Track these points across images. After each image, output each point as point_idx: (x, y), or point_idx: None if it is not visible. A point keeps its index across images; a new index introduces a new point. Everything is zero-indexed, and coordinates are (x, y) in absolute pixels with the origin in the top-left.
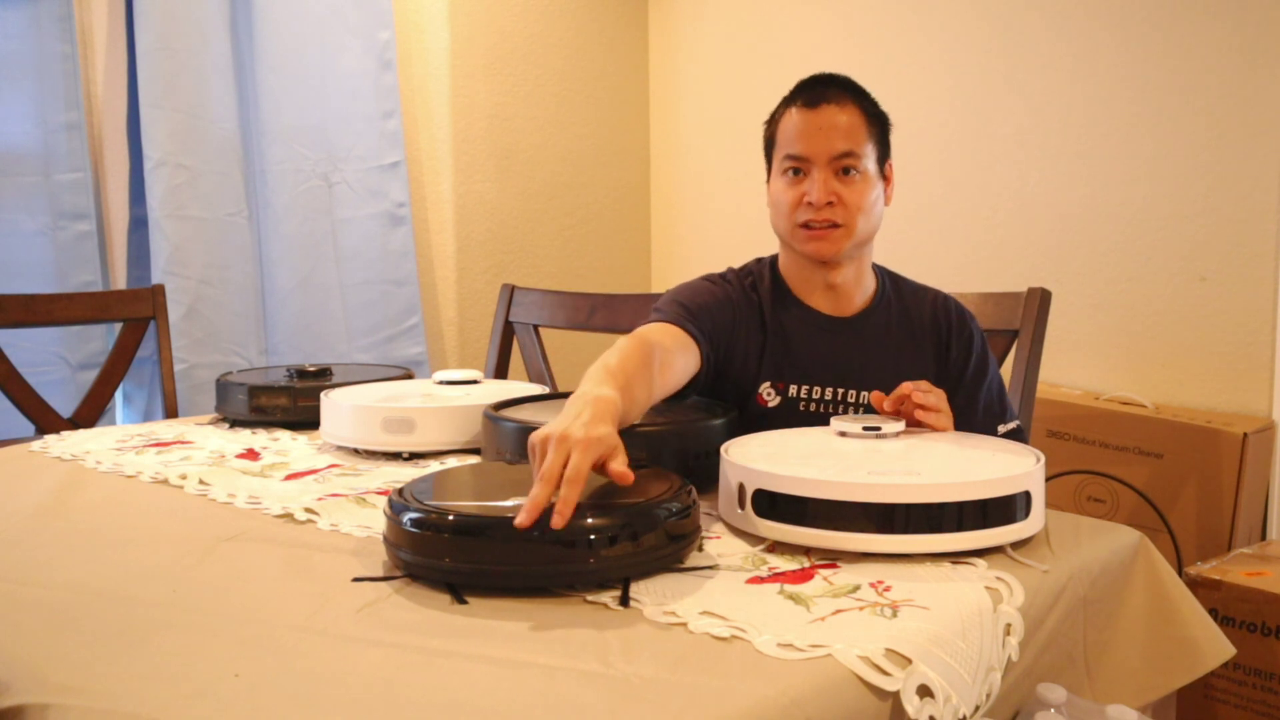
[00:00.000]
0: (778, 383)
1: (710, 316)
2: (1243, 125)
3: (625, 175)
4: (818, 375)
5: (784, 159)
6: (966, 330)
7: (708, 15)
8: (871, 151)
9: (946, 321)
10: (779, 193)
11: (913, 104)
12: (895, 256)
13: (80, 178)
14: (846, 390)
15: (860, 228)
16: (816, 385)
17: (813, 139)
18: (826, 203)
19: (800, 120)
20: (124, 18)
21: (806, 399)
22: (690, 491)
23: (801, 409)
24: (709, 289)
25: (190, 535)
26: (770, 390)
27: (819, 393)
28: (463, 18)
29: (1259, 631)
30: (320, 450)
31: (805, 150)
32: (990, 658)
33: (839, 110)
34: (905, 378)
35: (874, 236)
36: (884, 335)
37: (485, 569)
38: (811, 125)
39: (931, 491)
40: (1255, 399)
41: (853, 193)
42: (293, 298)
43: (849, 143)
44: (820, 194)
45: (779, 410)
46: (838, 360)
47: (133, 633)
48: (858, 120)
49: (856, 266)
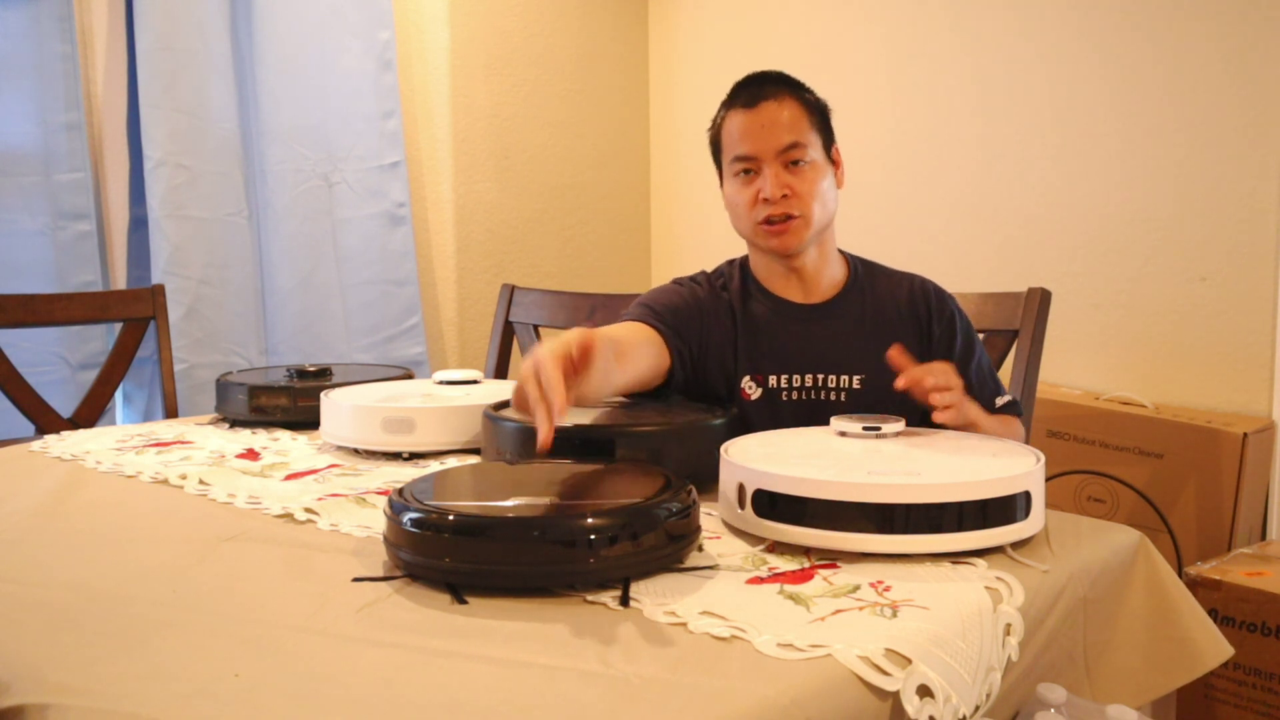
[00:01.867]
0: (756, 375)
1: (677, 315)
2: (1243, 126)
3: (625, 175)
4: (795, 364)
5: (733, 161)
6: (947, 310)
7: (708, 15)
8: (816, 140)
9: (925, 303)
10: (734, 194)
11: (913, 104)
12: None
13: (80, 178)
14: (826, 376)
15: (817, 215)
16: (795, 374)
17: (758, 137)
18: (781, 196)
19: (743, 121)
20: (124, 18)
21: (788, 388)
22: (690, 491)
23: (784, 399)
24: (676, 290)
25: (190, 535)
26: (751, 384)
27: (799, 380)
28: (463, 18)
29: (1259, 631)
30: (320, 450)
31: (752, 149)
32: (990, 658)
33: (778, 105)
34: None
35: (833, 221)
36: (858, 319)
37: (485, 569)
38: (754, 124)
39: (931, 491)
40: (1255, 399)
41: (804, 183)
42: (293, 298)
43: (793, 135)
44: (773, 189)
45: (763, 402)
46: (812, 347)
47: (133, 633)
48: (798, 112)
49: (820, 252)
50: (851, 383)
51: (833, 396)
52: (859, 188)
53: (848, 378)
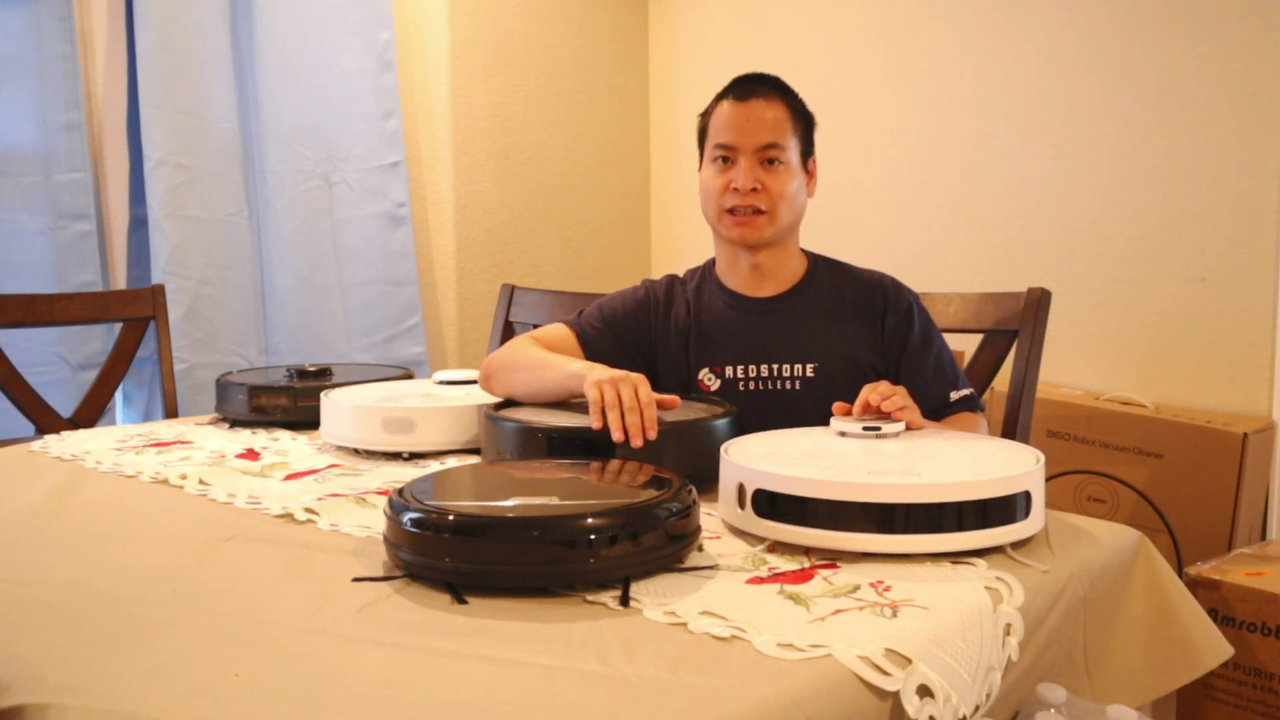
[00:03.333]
0: (714, 366)
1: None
2: (1243, 125)
3: (625, 175)
4: (750, 354)
5: (714, 148)
6: (904, 302)
7: (708, 15)
8: (795, 146)
9: (881, 295)
10: (708, 179)
11: (913, 104)
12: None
13: (80, 178)
14: (781, 365)
15: (782, 214)
16: (751, 364)
17: (741, 130)
18: (751, 189)
19: (730, 112)
20: (124, 18)
21: (744, 378)
22: (690, 491)
23: (741, 389)
24: (630, 294)
25: (190, 535)
26: (709, 375)
27: (754, 370)
28: (463, 18)
29: (1259, 631)
30: (320, 450)
31: (734, 140)
32: (990, 658)
33: (766, 105)
34: (835, 351)
35: (797, 224)
36: (808, 312)
37: (485, 569)
38: (740, 117)
39: (931, 491)
40: (1255, 399)
41: (776, 181)
42: (293, 298)
43: (774, 135)
44: (745, 180)
45: (721, 392)
46: (767, 338)
47: (133, 633)
48: (783, 115)
49: (780, 251)
50: (805, 371)
51: (788, 385)
52: (859, 188)
53: (801, 366)
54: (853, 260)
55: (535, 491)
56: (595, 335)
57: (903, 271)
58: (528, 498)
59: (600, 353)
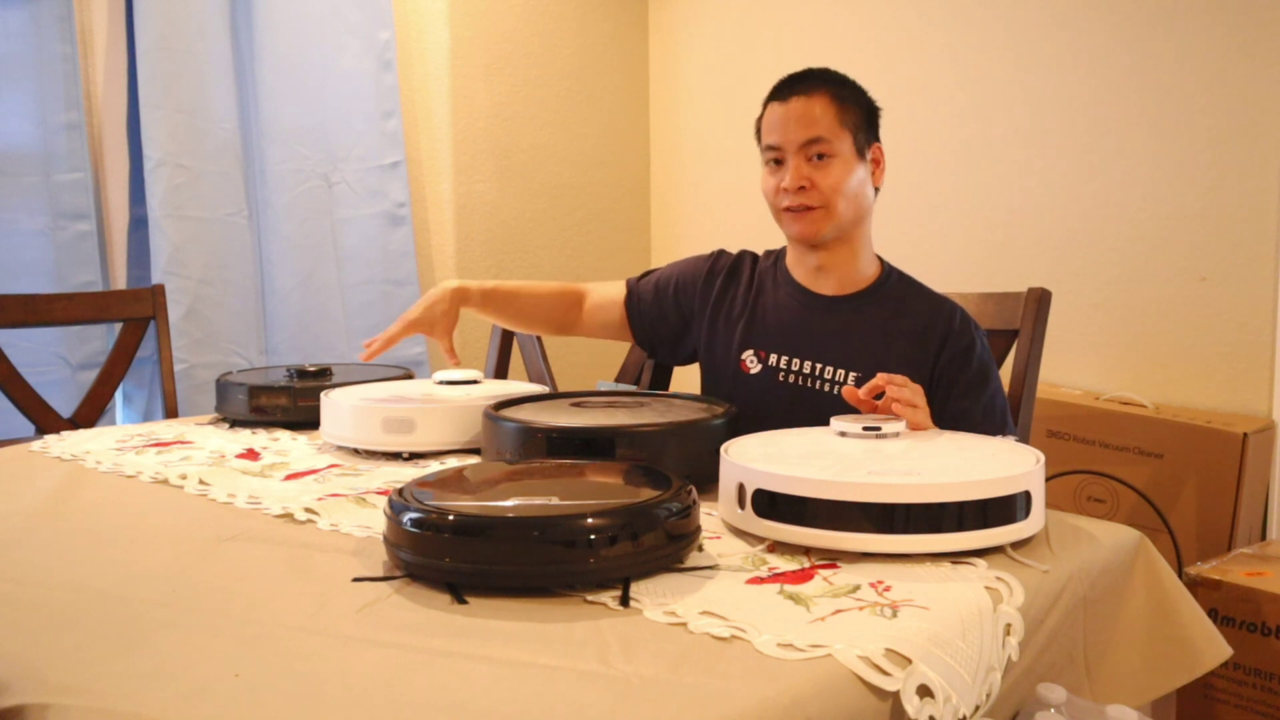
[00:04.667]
0: (759, 350)
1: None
2: (1243, 125)
3: (625, 175)
4: (796, 347)
5: (765, 150)
6: (967, 337)
7: (708, 15)
8: (845, 136)
9: (947, 325)
10: (764, 182)
11: (913, 104)
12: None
13: (80, 178)
14: (825, 366)
15: (840, 208)
16: (795, 357)
17: (783, 129)
18: (799, 187)
19: (774, 113)
20: (124, 18)
21: (786, 369)
22: (690, 491)
23: (781, 379)
24: (697, 260)
25: (190, 535)
26: (753, 357)
27: (798, 364)
28: (463, 18)
29: (1259, 631)
30: (320, 450)
31: (778, 140)
32: (990, 658)
33: (807, 100)
34: (881, 366)
35: (863, 218)
36: (869, 320)
37: (485, 569)
38: (783, 117)
39: (931, 491)
40: (1255, 399)
41: (825, 176)
42: (293, 298)
43: (816, 129)
44: (791, 180)
45: (761, 377)
46: (818, 335)
47: (133, 633)
48: (827, 107)
49: (847, 250)
50: (848, 377)
51: (828, 387)
52: None
53: (844, 371)
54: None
55: (535, 491)
56: (640, 297)
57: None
58: (528, 498)
59: (642, 315)
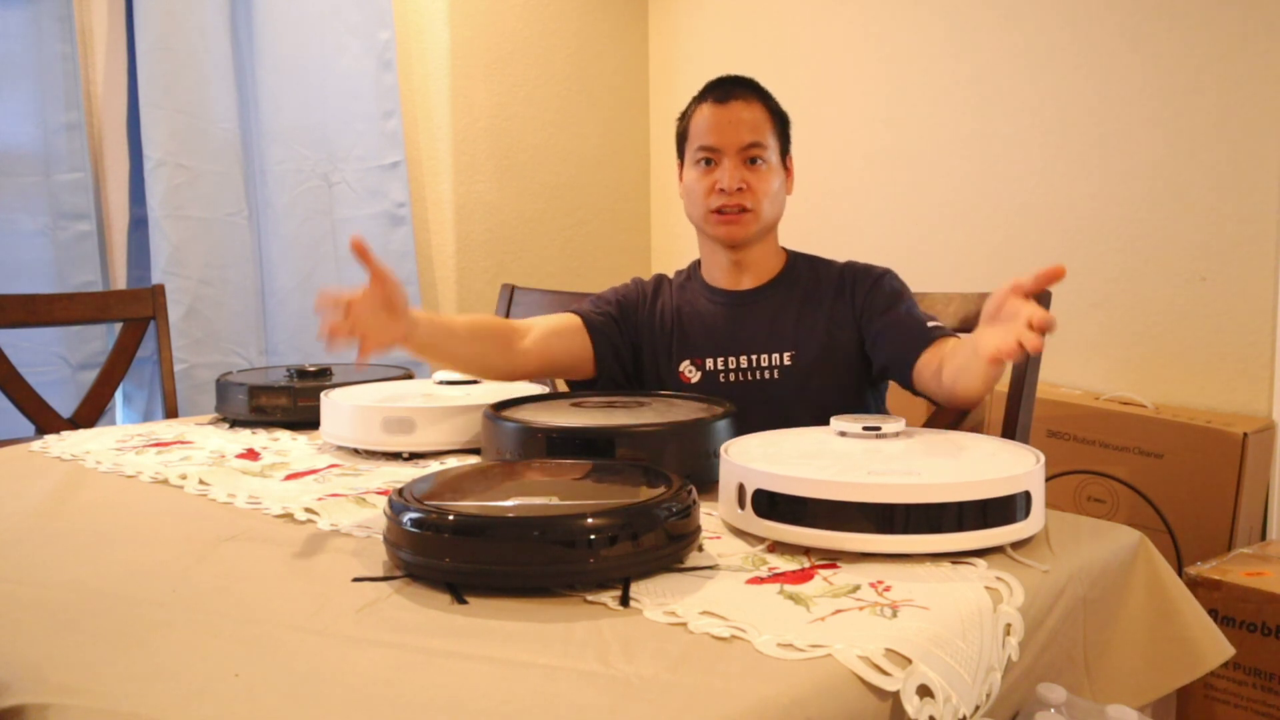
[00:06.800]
0: (695, 359)
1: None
2: (1243, 125)
3: (625, 175)
4: (727, 346)
5: (697, 150)
6: (873, 275)
7: (708, 15)
8: (774, 145)
9: (852, 275)
10: (693, 182)
11: (911, 103)
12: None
13: (80, 178)
14: (759, 356)
15: (766, 212)
16: (730, 356)
17: (724, 131)
18: (737, 188)
19: (711, 115)
20: (124, 18)
21: (724, 370)
22: (690, 491)
23: (721, 380)
24: (621, 288)
25: (190, 535)
26: (690, 367)
27: (734, 362)
28: (463, 18)
29: (1259, 631)
30: (320, 450)
31: (717, 141)
32: (990, 658)
33: (746, 106)
34: (810, 338)
35: (778, 220)
36: (785, 302)
37: (485, 569)
38: (722, 119)
39: (931, 491)
40: (1255, 399)
41: (760, 180)
42: (293, 298)
43: (755, 135)
44: (731, 180)
45: (702, 385)
46: (744, 330)
47: (133, 633)
48: (762, 116)
49: (761, 247)
50: (783, 360)
51: (766, 375)
52: (859, 188)
53: (779, 355)
54: (853, 259)
55: (535, 491)
56: (598, 319)
57: (901, 271)
58: (528, 498)
59: (605, 333)
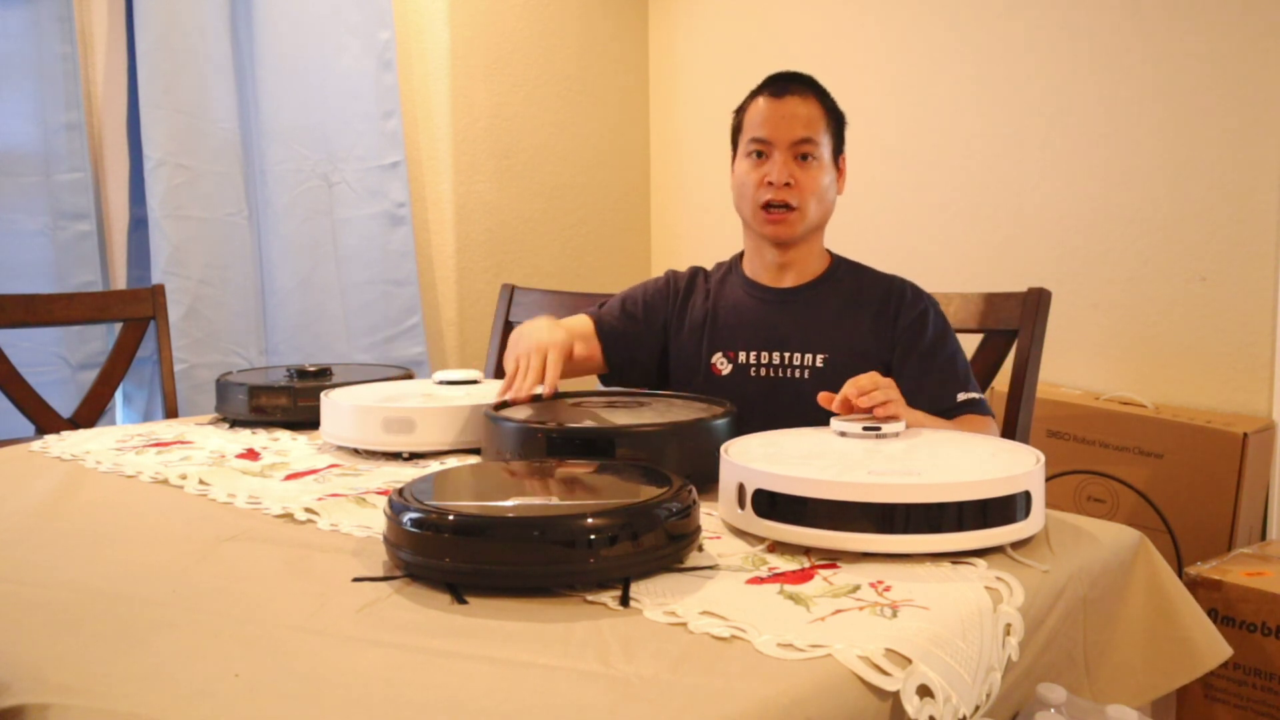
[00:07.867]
0: (728, 351)
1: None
2: (1243, 126)
3: (625, 175)
4: (761, 341)
5: (749, 142)
6: (920, 306)
7: (707, 15)
8: (827, 142)
9: (899, 297)
10: (743, 174)
11: (913, 103)
12: (896, 255)
13: (80, 178)
14: (792, 354)
15: (812, 211)
16: (763, 351)
17: (776, 125)
18: (784, 183)
19: (766, 108)
20: (124, 18)
21: (756, 364)
22: (690, 491)
23: (752, 374)
24: (652, 283)
25: (190, 535)
26: (722, 359)
27: (766, 357)
28: (463, 18)
29: (1259, 631)
30: (320, 450)
31: (769, 134)
32: (990, 658)
33: (801, 101)
34: (845, 344)
35: (826, 220)
36: (824, 304)
37: (485, 569)
38: (776, 113)
39: (931, 491)
40: (1255, 399)
41: (808, 177)
42: (293, 298)
43: (808, 130)
44: (780, 174)
45: (733, 377)
46: (780, 327)
47: (133, 633)
48: (817, 112)
49: (806, 247)
50: (815, 361)
51: (798, 374)
52: (859, 188)
53: (812, 356)
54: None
55: (535, 491)
56: (610, 323)
57: (902, 271)
58: (528, 498)
59: (616, 339)
